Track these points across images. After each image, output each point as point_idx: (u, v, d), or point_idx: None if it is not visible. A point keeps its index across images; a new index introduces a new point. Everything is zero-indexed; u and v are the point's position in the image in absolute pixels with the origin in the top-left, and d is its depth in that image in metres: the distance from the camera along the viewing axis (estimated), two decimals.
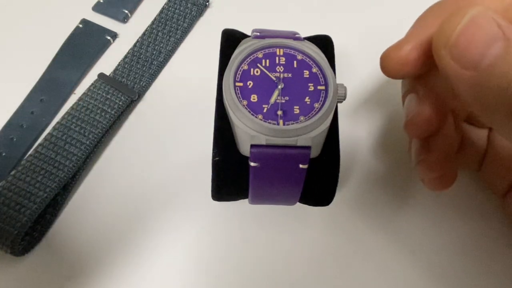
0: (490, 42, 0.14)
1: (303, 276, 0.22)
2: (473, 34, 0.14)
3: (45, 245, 0.23)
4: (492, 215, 0.24)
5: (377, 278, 0.22)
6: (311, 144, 0.17)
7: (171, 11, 0.30)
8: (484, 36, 0.14)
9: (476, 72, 0.14)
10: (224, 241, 0.23)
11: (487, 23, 0.14)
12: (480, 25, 0.14)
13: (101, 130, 0.25)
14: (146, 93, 0.28)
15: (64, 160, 0.24)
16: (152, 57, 0.29)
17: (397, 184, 0.25)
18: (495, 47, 0.14)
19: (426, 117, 0.19)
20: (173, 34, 0.30)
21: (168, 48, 0.29)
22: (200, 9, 0.31)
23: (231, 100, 0.18)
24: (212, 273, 0.22)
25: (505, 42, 0.13)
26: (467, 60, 0.14)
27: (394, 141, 0.26)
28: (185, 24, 0.30)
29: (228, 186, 0.20)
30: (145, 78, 0.28)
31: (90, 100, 0.26)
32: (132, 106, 0.27)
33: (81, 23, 0.30)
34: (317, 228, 0.23)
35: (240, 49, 0.20)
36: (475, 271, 0.22)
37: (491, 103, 0.14)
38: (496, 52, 0.14)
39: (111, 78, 0.27)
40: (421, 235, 0.23)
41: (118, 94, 0.26)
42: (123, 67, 0.28)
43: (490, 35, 0.14)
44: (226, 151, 0.19)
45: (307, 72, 0.19)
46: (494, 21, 0.14)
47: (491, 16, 0.14)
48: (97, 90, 0.26)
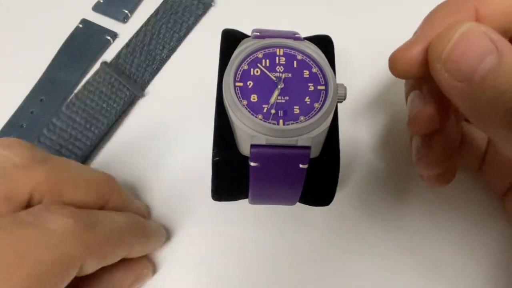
0: (483, 55, 0.14)
1: (303, 276, 0.22)
2: (465, 49, 0.15)
3: None
4: (493, 215, 0.24)
5: (377, 277, 0.22)
6: (311, 144, 0.17)
7: (176, 4, 0.30)
8: (476, 50, 0.14)
9: (469, 85, 0.15)
10: (224, 241, 0.23)
11: (478, 38, 0.14)
12: (471, 40, 0.15)
13: (106, 125, 0.26)
14: (147, 88, 0.28)
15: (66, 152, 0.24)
16: (156, 51, 0.29)
17: (397, 184, 0.25)
18: (487, 61, 0.14)
19: (430, 114, 0.19)
20: (177, 30, 0.30)
21: (172, 44, 0.29)
22: (205, 7, 0.31)
23: (231, 100, 0.18)
24: (212, 273, 0.22)
25: (497, 56, 0.14)
26: (460, 73, 0.15)
27: (394, 140, 0.26)
28: (190, 22, 0.30)
29: (228, 186, 0.20)
30: (148, 72, 0.28)
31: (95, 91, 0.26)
32: (135, 100, 0.27)
33: (81, 23, 0.30)
34: (317, 228, 0.23)
35: (240, 49, 0.20)
36: (475, 271, 0.22)
37: (484, 113, 0.15)
38: (488, 65, 0.14)
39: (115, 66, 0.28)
40: (421, 234, 0.23)
41: (123, 88, 0.27)
42: (126, 56, 0.28)
43: (482, 49, 0.14)
44: (226, 151, 0.19)
45: (307, 72, 0.19)
46: (486, 35, 0.14)
47: (483, 30, 0.15)
48: (102, 80, 0.27)
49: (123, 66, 0.28)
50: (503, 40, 0.14)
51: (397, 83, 0.22)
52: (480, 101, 0.14)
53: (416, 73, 0.18)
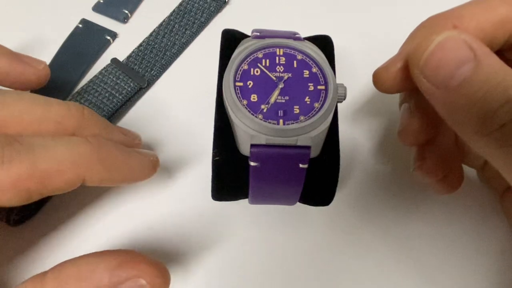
0: (460, 63, 0.14)
1: (303, 276, 0.22)
2: (441, 56, 0.15)
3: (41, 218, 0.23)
4: (493, 214, 0.24)
5: (377, 277, 0.22)
6: (311, 144, 0.17)
7: (190, 4, 0.31)
8: (453, 58, 0.15)
9: (445, 91, 0.15)
10: (224, 241, 0.23)
11: (455, 46, 0.15)
12: (448, 48, 0.15)
13: (107, 113, 0.26)
14: (156, 82, 0.28)
15: None
16: (166, 47, 0.29)
17: (397, 184, 0.25)
18: (464, 69, 0.14)
19: (416, 128, 0.20)
20: (189, 27, 0.30)
21: (183, 40, 0.29)
22: (219, 5, 0.31)
23: (231, 100, 0.18)
24: (212, 273, 0.22)
25: (474, 63, 0.14)
26: (437, 80, 0.15)
27: (394, 141, 0.26)
28: (202, 19, 0.30)
29: (228, 186, 0.20)
30: (156, 67, 0.28)
31: (100, 83, 0.26)
32: (141, 94, 0.27)
33: (81, 23, 0.30)
34: (317, 228, 0.23)
35: (240, 49, 0.20)
36: (476, 271, 0.22)
37: (461, 120, 0.15)
38: (464, 73, 0.14)
39: (124, 64, 0.28)
40: (420, 234, 0.23)
41: (128, 80, 0.27)
42: (137, 55, 0.28)
43: (459, 57, 0.15)
44: (226, 151, 0.19)
45: (307, 72, 0.19)
46: (466, 43, 0.15)
47: (463, 39, 0.15)
48: (108, 74, 0.27)
49: (133, 63, 0.28)
50: (483, 48, 0.15)
51: None
52: (456, 108, 0.15)
53: (399, 89, 0.19)
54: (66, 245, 0.23)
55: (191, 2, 0.31)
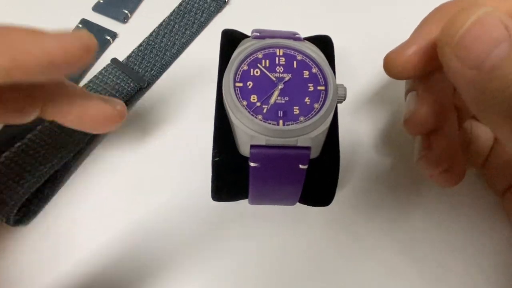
0: (495, 43, 0.14)
1: (303, 276, 0.22)
2: (479, 34, 0.14)
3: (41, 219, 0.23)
4: (494, 214, 0.24)
5: (377, 277, 0.22)
6: (311, 144, 0.17)
7: (190, 4, 0.31)
8: (490, 37, 0.14)
9: (478, 72, 0.14)
10: (224, 241, 0.23)
11: (493, 24, 0.14)
12: (486, 26, 0.14)
13: None
14: (156, 82, 0.28)
15: (68, 138, 0.24)
16: (166, 47, 0.29)
17: (397, 184, 0.25)
18: (500, 49, 0.13)
19: (423, 115, 0.19)
20: (189, 27, 0.30)
21: (183, 40, 0.29)
22: (219, 5, 0.31)
23: (230, 100, 0.18)
24: (212, 273, 0.22)
25: (509, 43, 0.13)
26: (470, 59, 0.14)
27: (394, 141, 0.26)
28: (202, 19, 0.30)
29: (228, 187, 0.20)
30: (156, 67, 0.28)
31: (100, 83, 0.26)
32: (141, 94, 0.27)
33: (81, 23, 0.30)
34: (317, 228, 0.23)
35: (240, 49, 0.20)
36: (475, 270, 0.22)
37: (490, 103, 0.14)
38: (500, 53, 0.13)
39: (124, 64, 0.28)
40: (421, 234, 0.23)
41: (128, 80, 0.27)
42: (137, 55, 0.28)
43: (496, 36, 0.14)
44: (226, 152, 0.19)
45: (307, 72, 0.19)
46: (502, 22, 0.14)
47: (499, 17, 0.14)
48: (108, 74, 0.27)
49: (133, 63, 0.28)
50: None
51: (397, 83, 0.22)
52: (487, 91, 0.14)
53: (411, 74, 0.18)
54: (66, 245, 0.23)
55: (191, 2, 0.31)
